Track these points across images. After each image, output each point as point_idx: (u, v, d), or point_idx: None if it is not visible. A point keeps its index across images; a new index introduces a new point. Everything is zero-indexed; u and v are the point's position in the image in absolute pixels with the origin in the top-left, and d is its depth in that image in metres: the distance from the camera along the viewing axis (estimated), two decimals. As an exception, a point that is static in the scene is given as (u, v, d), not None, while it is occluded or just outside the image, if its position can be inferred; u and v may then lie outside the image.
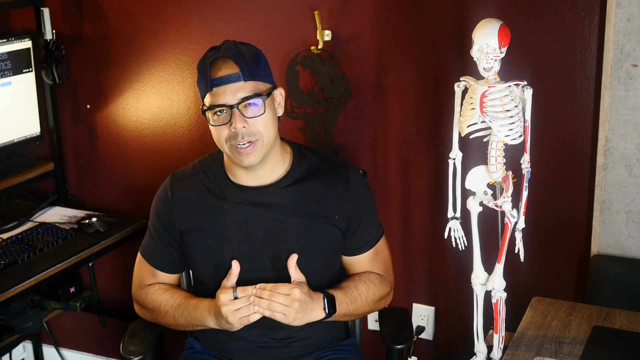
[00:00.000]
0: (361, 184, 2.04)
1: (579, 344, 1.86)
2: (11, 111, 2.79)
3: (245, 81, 1.86)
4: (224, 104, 1.85)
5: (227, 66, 1.87)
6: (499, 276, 1.76)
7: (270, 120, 1.90)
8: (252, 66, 1.88)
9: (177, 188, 2.03)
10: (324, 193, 1.99)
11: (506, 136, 1.68)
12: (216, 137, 1.91)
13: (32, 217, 2.80)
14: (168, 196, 2.03)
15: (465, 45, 2.21)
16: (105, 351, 3.16)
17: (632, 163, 2.18)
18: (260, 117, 1.87)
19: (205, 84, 1.88)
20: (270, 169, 1.97)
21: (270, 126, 1.90)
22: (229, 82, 1.85)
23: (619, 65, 2.13)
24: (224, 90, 1.85)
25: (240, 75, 1.85)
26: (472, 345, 1.85)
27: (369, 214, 2.05)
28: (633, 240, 2.22)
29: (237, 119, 1.85)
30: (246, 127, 1.86)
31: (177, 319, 1.99)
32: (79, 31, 2.85)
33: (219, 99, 1.86)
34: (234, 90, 1.85)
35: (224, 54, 1.87)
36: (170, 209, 2.02)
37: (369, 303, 2.03)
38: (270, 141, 1.91)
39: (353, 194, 2.00)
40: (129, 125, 2.87)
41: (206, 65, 1.87)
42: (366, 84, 2.48)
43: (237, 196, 1.98)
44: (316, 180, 1.99)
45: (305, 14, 2.47)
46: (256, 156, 1.89)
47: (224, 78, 1.85)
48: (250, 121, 1.86)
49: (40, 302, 2.82)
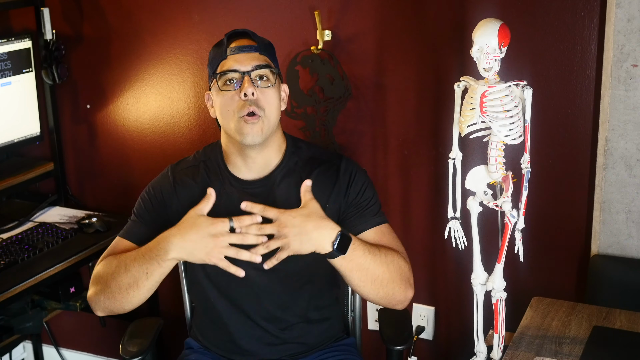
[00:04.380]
0: (352, 172, 2.00)
1: (579, 344, 1.86)
2: (11, 111, 2.79)
3: (260, 53, 1.92)
4: (237, 70, 1.89)
5: (244, 39, 1.94)
6: (499, 276, 1.76)
7: (276, 98, 1.93)
8: (267, 46, 1.96)
9: (178, 175, 2.03)
10: (315, 183, 1.94)
11: (506, 136, 1.68)
12: (223, 109, 1.91)
13: (32, 217, 2.80)
14: (170, 179, 2.03)
15: (465, 45, 2.22)
16: (105, 351, 3.16)
17: (632, 163, 2.18)
18: (269, 89, 1.91)
19: (220, 53, 1.93)
20: (267, 157, 1.97)
21: (275, 105, 1.92)
22: (244, 51, 1.91)
23: (619, 65, 2.13)
24: (238, 57, 1.91)
25: (256, 47, 1.92)
26: (472, 345, 1.85)
27: (366, 196, 2.00)
28: (633, 240, 2.22)
29: (247, 85, 1.88)
30: (255, 96, 1.88)
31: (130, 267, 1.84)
32: (79, 31, 2.85)
33: (233, 65, 1.90)
34: (249, 58, 1.91)
35: (242, 30, 1.95)
36: (173, 189, 2.01)
37: (387, 266, 1.86)
38: (273, 122, 1.92)
39: (341, 182, 1.98)
40: (129, 125, 2.87)
41: (223, 40, 1.94)
42: (366, 84, 2.48)
43: (235, 188, 1.98)
44: (308, 170, 1.99)
45: (305, 14, 2.48)
46: (258, 132, 1.89)
47: (240, 47, 1.92)
48: (259, 90, 1.89)
49: (40, 302, 2.82)
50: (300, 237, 1.75)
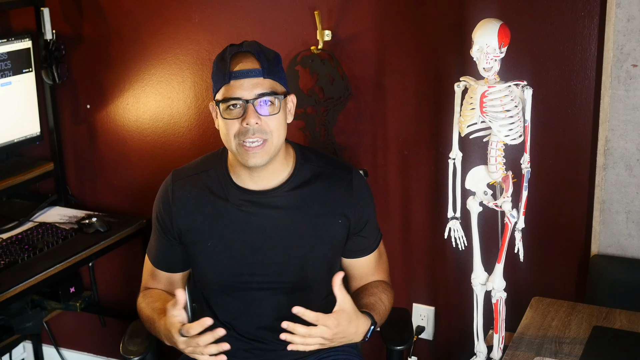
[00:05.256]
0: (363, 187, 2.01)
1: (579, 344, 1.86)
2: (11, 111, 2.79)
3: (264, 78, 1.83)
4: (240, 98, 1.81)
5: (247, 60, 1.83)
6: (499, 276, 1.76)
7: (282, 122, 1.87)
8: (272, 65, 1.85)
9: (178, 187, 1.99)
10: (327, 196, 1.95)
11: (506, 136, 1.68)
12: (224, 132, 1.86)
13: (32, 217, 2.80)
14: (169, 195, 1.99)
15: (465, 45, 2.21)
16: (105, 351, 3.16)
17: (632, 163, 2.18)
18: (274, 116, 1.84)
19: (223, 76, 1.84)
20: (273, 172, 1.93)
21: (281, 128, 1.87)
22: (248, 77, 1.82)
23: (619, 65, 2.13)
24: (241, 83, 1.82)
25: (260, 71, 1.82)
26: (472, 345, 1.85)
27: (371, 217, 2.02)
28: (633, 240, 2.22)
29: (251, 114, 1.81)
30: (259, 124, 1.82)
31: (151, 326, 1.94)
32: (79, 31, 2.85)
33: (236, 92, 1.82)
34: (252, 85, 1.82)
35: (246, 49, 1.85)
36: (170, 207, 1.98)
37: (388, 312, 1.98)
38: (279, 144, 1.87)
39: (355, 197, 1.97)
40: (129, 125, 2.87)
41: (226, 58, 1.84)
42: (366, 84, 2.48)
43: (239, 198, 1.94)
44: (319, 183, 1.96)
45: (305, 14, 2.48)
46: (263, 157, 1.85)
47: (244, 72, 1.82)
48: (263, 119, 1.82)
49: (40, 302, 2.82)
50: (340, 340, 1.78)
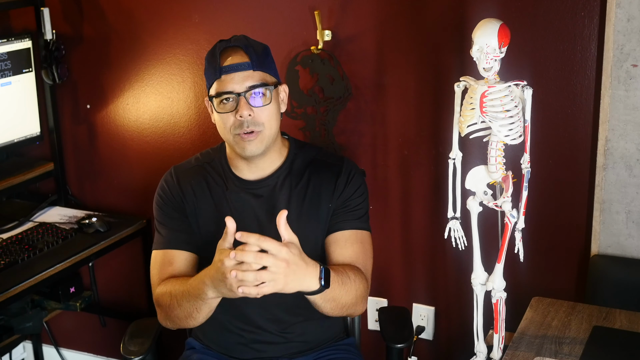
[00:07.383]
0: (350, 172, 2.02)
1: (579, 344, 1.86)
2: (11, 111, 2.79)
3: (253, 70, 1.89)
4: (232, 91, 1.88)
5: (236, 55, 1.90)
6: (499, 276, 1.76)
7: (274, 112, 1.92)
8: (261, 57, 1.91)
9: (181, 176, 2.04)
10: (318, 184, 2.00)
11: (506, 136, 1.68)
12: (221, 126, 1.93)
13: (32, 217, 2.80)
14: (173, 179, 2.04)
15: (465, 45, 2.21)
16: (105, 351, 3.16)
17: (632, 163, 2.18)
18: (266, 107, 1.90)
19: (214, 71, 1.90)
20: (269, 161, 1.99)
21: (274, 118, 1.92)
22: (238, 70, 1.88)
23: (619, 65, 2.13)
24: (232, 77, 1.88)
25: (249, 64, 1.88)
26: (472, 345, 1.85)
27: (357, 199, 2.01)
28: (633, 240, 2.22)
29: (243, 107, 1.87)
30: (252, 116, 1.88)
31: (181, 302, 1.86)
32: (79, 31, 2.85)
33: (227, 86, 1.88)
34: (242, 79, 1.88)
35: (234, 44, 1.91)
36: (177, 187, 2.02)
37: (355, 292, 1.89)
38: (273, 133, 1.94)
39: (340, 181, 2.00)
40: (129, 125, 2.87)
41: (216, 54, 1.90)
42: (366, 84, 2.48)
43: (238, 188, 2.00)
44: (311, 172, 2.01)
45: (305, 14, 2.48)
46: (258, 146, 1.91)
47: (233, 66, 1.88)
48: (256, 110, 1.88)
49: (40, 302, 2.82)
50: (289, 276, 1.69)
